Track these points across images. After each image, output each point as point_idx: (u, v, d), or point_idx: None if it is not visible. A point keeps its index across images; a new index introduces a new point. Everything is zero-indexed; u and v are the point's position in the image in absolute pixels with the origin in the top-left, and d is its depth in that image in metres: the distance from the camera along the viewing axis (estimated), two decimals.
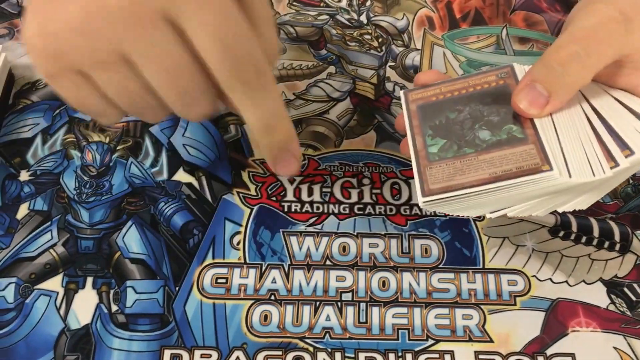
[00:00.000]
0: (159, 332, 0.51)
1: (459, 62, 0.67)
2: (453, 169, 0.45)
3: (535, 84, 0.45)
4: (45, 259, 0.54)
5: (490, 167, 0.44)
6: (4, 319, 0.51)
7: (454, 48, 0.68)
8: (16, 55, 0.65)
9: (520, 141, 0.45)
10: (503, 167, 0.44)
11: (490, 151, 0.45)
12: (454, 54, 0.68)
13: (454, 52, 0.68)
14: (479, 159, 0.45)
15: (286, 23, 0.70)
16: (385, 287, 0.53)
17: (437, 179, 0.45)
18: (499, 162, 0.44)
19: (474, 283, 0.54)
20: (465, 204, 0.45)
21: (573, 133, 0.45)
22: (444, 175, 0.45)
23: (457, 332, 0.52)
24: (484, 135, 0.46)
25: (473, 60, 0.67)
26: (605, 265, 0.55)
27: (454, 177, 0.45)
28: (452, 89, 0.50)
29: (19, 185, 0.57)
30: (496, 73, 0.50)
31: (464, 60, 0.67)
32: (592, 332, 0.52)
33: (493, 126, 0.46)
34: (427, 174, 0.46)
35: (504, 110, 0.47)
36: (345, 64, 0.67)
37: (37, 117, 0.61)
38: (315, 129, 0.62)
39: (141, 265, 0.54)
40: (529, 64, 0.48)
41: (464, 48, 0.68)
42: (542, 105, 0.45)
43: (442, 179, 0.45)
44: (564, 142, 0.44)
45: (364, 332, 0.51)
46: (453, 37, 0.69)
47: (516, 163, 0.44)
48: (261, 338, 0.51)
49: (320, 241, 0.56)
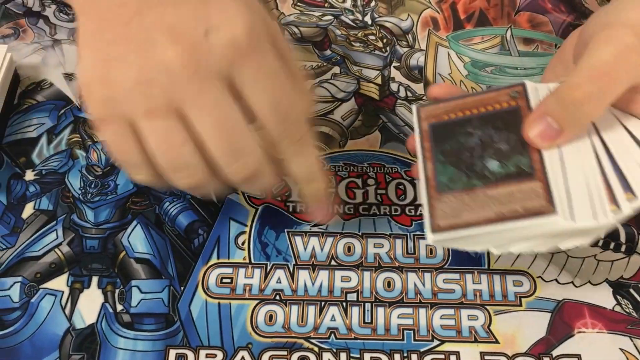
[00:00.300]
0: (164, 331, 0.51)
1: (464, 63, 0.67)
2: (461, 203, 0.46)
3: (547, 117, 0.45)
4: (50, 258, 0.54)
5: (497, 205, 0.44)
6: (10, 318, 0.51)
7: (458, 49, 0.68)
8: (21, 55, 0.65)
9: (527, 176, 0.45)
10: (509, 206, 0.44)
11: (498, 186, 0.45)
12: (459, 55, 0.68)
13: (458, 53, 0.68)
14: (487, 195, 0.45)
15: (291, 23, 0.70)
16: (391, 288, 0.53)
17: (445, 214, 0.46)
18: (506, 200, 0.44)
19: (479, 284, 0.54)
20: (471, 241, 0.46)
21: (579, 169, 0.45)
22: (452, 209, 0.46)
23: (462, 333, 0.52)
24: (493, 166, 0.46)
25: (477, 61, 0.67)
26: (611, 266, 0.55)
27: (462, 214, 0.45)
28: (464, 107, 0.49)
29: (25, 185, 0.57)
30: (508, 92, 0.49)
31: (469, 60, 0.67)
32: (598, 333, 0.52)
33: (502, 156, 0.46)
34: (436, 207, 0.46)
35: (514, 137, 0.47)
36: (350, 64, 0.67)
37: (43, 116, 0.61)
38: (319, 129, 0.62)
39: (146, 264, 0.54)
40: (539, 81, 0.49)
41: (469, 49, 0.68)
42: (553, 138, 0.45)
43: (450, 214, 0.45)
44: (570, 180, 0.44)
45: (369, 333, 0.51)
46: (457, 38, 0.69)
47: (522, 202, 0.44)
48: (266, 338, 0.51)
49: (325, 241, 0.56)
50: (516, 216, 0.44)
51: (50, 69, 0.64)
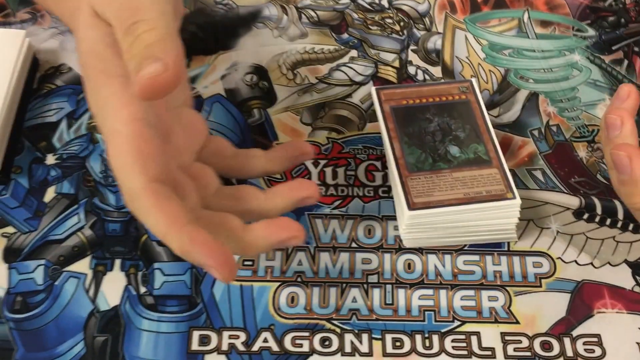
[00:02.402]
0: (188, 313, 0.51)
1: (481, 46, 0.67)
2: (431, 183, 0.52)
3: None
4: (73, 241, 0.54)
5: (463, 187, 0.52)
6: (34, 300, 0.51)
7: (475, 31, 0.68)
8: (39, 40, 0.65)
9: (486, 163, 0.53)
10: (474, 188, 0.52)
11: (462, 169, 0.53)
12: (476, 38, 0.68)
13: (475, 36, 0.68)
14: (453, 177, 0.52)
15: (307, 7, 0.70)
16: (411, 269, 0.54)
17: (419, 192, 0.52)
18: (470, 182, 0.52)
19: (499, 265, 0.54)
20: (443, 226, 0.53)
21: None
22: (424, 188, 0.52)
23: (483, 314, 0.52)
24: (454, 151, 0.54)
25: (495, 44, 0.67)
26: (630, 247, 0.55)
27: (434, 193, 0.52)
28: (421, 95, 0.57)
29: (46, 169, 0.58)
30: (458, 86, 0.58)
31: (486, 43, 0.67)
32: (618, 314, 0.52)
33: (461, 142, 0.54)
34: (409, 185, 0.52)
35: (468, 127, 0.55)
36: (367, 47, 0.67)
37: (62, 101, 0.62)
38: (338, 112, 0.62)
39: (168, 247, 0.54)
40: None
41: (486, 31, 0.68)
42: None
43: (424, 192, 0.52)
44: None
45: (391, 314, 0.52)
46: (475, 21, 0.69)
47: (485, 186, 0.52)
48: (288, 319, 0.51)
49: (345, 224, 0.56)
50: (481, 198, 0.51)
51: (69, 54, 0.65)
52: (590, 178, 0.59)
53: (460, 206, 0.51)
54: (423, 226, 0.53)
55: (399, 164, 0.53)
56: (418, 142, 0.54)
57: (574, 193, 0.58)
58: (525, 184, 0.58)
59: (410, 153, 0.54)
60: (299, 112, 0.62)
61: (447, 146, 0.54)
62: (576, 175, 0.59)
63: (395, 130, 0.55)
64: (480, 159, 0.53)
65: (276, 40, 0.67)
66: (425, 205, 0.51)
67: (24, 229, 0.54)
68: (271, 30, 0.68)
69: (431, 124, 0.55)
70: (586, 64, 0.66)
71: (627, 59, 0.67)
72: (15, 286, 0.52)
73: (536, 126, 0.62)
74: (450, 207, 0.51)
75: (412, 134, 0.55)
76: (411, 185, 0.52)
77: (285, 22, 0.69)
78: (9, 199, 0.56)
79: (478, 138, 0.54)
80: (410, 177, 0.52)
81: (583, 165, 0.59)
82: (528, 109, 0.63)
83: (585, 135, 0.61)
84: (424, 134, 0.55)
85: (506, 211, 0.52)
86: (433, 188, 0.52)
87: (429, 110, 0.56)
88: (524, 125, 0.62)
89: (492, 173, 0.53)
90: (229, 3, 0.70)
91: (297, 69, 0.65)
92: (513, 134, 0.61)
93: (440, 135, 0.55)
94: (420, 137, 0.54)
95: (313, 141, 0.60)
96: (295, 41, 0.67)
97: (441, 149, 0.54)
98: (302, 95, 0.63)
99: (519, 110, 0.63)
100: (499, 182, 0.52)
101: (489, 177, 0.52)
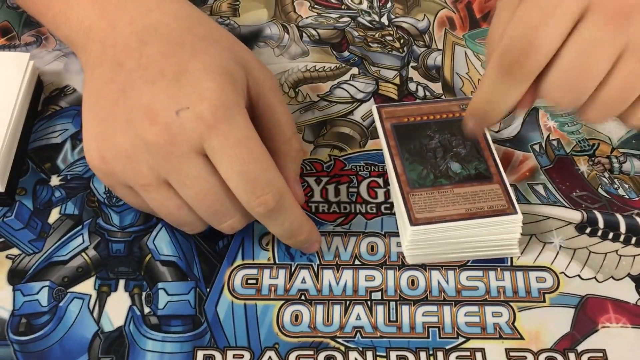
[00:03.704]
0: (192, 333, 0.51)
1: (481, 62, 0.68)
2: (433, 199, 0.53)
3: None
4: (77, 262, 0.54)
5: (465, 202, 0.52)
6: (39, 322, 0.52)
7: (475, 47, 0.69)
8: (44, 62, 0.66)
9: (487, 179, 0.54)
10: (476, 204, 0.52)
11: (464, 185, 0.53)
12: (476, 54, 0.68)
13: (475, 52, 0.68)
14: (454, 192, 0.53)
15: (308, 26, 0.70)
16: (415, 286, 0.54)
17: (421, 208, 0.52)
18: (472, 198, 0.53)
19: (502, 280, 0.54)
20: (445, 242, 0.53)
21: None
22: (425, 204, 0.53)
23: (487, 330, 0.52)
24: (455, 167, 0.54)
25: None
26: (633, 261, 0.55)
27: (435, 209, 0.52)
28: (421, 112, 0.58)
29: (50, 190, 0.58)
30: (459, 104, 0.58)
31: None
32: (622, 328, 0.52)
33: (462, 159, 0.55)
34: (411, 201, 0.53)
35: (469, 143, 0.56)
36: (368, 65, 0.67)
37: (66, 122, 0.62)
38: (340, 129, 0.63)
39: (172, 267, 0.54)
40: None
41: None
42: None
43: (425, 208, 0.52)
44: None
45: (395, 331, 0.52)
46: (474, 37, 0.70)
47: (486, 202, 0.53)
48: (292, 338, 0.51)
49: (348, 241, 0.56)
50: (483, 214, 0.52)
51: (73, 75, 0.65)
52: (592, 192, 0.59)
53: (462, 221, 0.52)
54: (425, 242, 0.53)
55: (401, 180, 0.54)
56: (419, 158, 0.55)
57: (576, 207, 0.58)
58: (527, 199, 0.58)
59: (411, 169, 0.54)
60: (301, 130, 0.62)
61: (448, 162, 0.55)
62: (577, 189, 0.59)
63: (396, 147, 0.56)
64: (481, 175, 0.54)
65: (278, 59, 0.68)
66: (427, 221, 0.52)
67: (29, 250, 0.55)
68: (273, 49, 0.69)
69: (432, 140, 0.56)
70: None
71: None
72: (20, 308, 0.52)
73: (537, 141, 0.62)
74: (452, 222, 0.52)
75: (413, 151, 0.55)
76: (413, 201, 0.53)
77: (287, 41, 0.69)
78: (13, 221, 0.56)
79: (479, 154, 0.55)
80: (412, 193, 0.53)
81: (584, 179, 0.59)
82: (528, 123, 0.63)
83: (585, 149, 0.61)
84: (425, 150, 0.55)
85: (508, 226, 0.53)
86: (435, 204, 0.53)
87: (429, 127, 0.57)
88: (524, 140, 0.62)
89: (493, 189, 0.53)
90: (231, 23, 0.70)
91: (299, 87, 0.66)
92: (514, 149, 0.61)
93: (441, 152, 0.55)
94: (421, 154, 0.55)
95: (315, 159, 0.60)
96: (297, 60, 0.68)
97: (442, 165, 0.55)
98: (304, 113, 0.64)
99: (519, 125, 0.63)
100: (501, 197, 0.53)
101: (491, 192, 0.53)
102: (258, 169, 0.48)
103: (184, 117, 0.47)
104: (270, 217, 0.50)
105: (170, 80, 0.48)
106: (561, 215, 0.57)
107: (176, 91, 0.47)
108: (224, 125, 0.47)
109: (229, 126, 0.47)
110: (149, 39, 0.50)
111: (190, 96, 0.47)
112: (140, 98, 0.48)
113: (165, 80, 0.48)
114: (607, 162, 0.60)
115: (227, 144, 0.47)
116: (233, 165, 0.47)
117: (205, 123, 0.46)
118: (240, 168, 0.47)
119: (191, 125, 0.46)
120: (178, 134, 0.47)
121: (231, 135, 0.47)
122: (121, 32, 0.51)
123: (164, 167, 0.48)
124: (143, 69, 0.49)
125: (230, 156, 0.47)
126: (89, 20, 0.53)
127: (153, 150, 0.47)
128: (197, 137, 0.47)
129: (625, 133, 0.62)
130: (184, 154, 0.47)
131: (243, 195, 0.48)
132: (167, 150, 0.47)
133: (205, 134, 0.46)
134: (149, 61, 0.49)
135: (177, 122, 0.47)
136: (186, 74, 0.48)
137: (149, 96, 0.48)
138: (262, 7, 0.72)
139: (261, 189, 0.48)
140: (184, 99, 0.47)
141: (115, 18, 0.52)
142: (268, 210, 0.49)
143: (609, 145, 0.62)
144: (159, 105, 0.47)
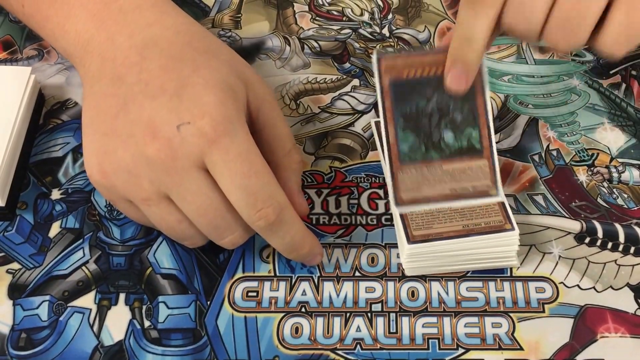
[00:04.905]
0: (192, 346, 0.51)
1: None
2: (421, 176, 0.53)
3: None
4: (77, 276, 0.55)
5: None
6: (39, 336, 0.52)
7: None
8: (46, 75, 0.66)
9: (477, 153, 0.53)
10: (461, 183, 0.53)
11: (453, 161, 0.53)
12: None
13: None
14: (443, 169, 0.53)
15: (310, 38, 0.71)
16: (415, 297, 0.54)
17: (407, 187, 0.53)
18: (459, 176, 0.53)
19: (502, 291, 0.54)
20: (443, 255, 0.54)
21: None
22: (412, 183, 0.53)
23: (487, 341, 0.52)
24: (448, 138, 0.53)
25: (494, 70, 0.68)
26: (631, 270, 0.55)
27: (422, 188, 0.53)
28: (423, 64, 0.53)
29: (51, 204, 0.58)
30: None
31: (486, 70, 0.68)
32: (621, 338, 0.52)
33: (456, 127, 0.53)
34: (398, 178, 0.53)
35: (466, 106, 0.53)
36: (369, 76, 0.68)
37: (68, 136, 0.62)
38: (341, 141, 0.63)
39: (172, 280, 0.54)
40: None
41: (485, 58, 0.68)
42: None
43: (412, 187, 0.53)
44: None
45: (395, 343, 0.52)
46: None
47: (472, 181, 0.53)
48: (293, 350, 0.51)
49: (348, 252, 0.56)
50: (466, 195, 0.52)
51: (75, 89, 0.66)
52: (591, 202, 0.59)
53: (459, 239, 0.52)
54: (423, 256, 0.53)
55: (392, 154, 0.53)
56: (414, 125, 0.53)
57: (575, 217, 0.58)
58: (527, 209, 0.58)
59: (403, 139, 0.53)
60: (302, 142, 0.62)
61: (442, 131, 0.53)
62: (577, 199, 0.59)
63: (391, 111, 0.54)
64: (472, 148, 0.53)
65: (279, 71, 0.68)
66: (424, 239, 0.52)
67: (29, 264, 0.55)
68: (274, 61, 0.69)
69: (429, 103, 0.53)
70: (585, 88, 0.66)
71: (625, 83, 0.67)
72: (20, 323, 0.52)
73: (536, 151, 0.62)
74: (449, 239, 0.52)
75: (408, 116, 0.53)
76: (401, 178, 0.53)
77: (288, 53, 0.70)
78: (14, 235, 0.56)
79: (474, 121, 0.53)
80: (401, 169, 0.53)
81: (583, 189, 0.59)
82: (528, 134, 0.63)
83: (585, 159, 0.61)
84: (421, 115, 0.53)
85: (505, 241, 0.53)
86: (422, 182, 0.53)
87: (429, 84, 0.53)
88: (524, 151, 0.62)
89: (481, 165, 0.53)
90: (233, 35, 0.71)
91: (300, 99, 0.66)
92: (514, 160, 0.61)
93: (437, 117, 0.53)
94: (417, 120, 0.53)
95: (316, 170, 0.61)
96: (298, 71, 0.68)
97: (436, 134, 0.53)
98: (305, 125, 0.64)
99: (519, 135, 0.63)
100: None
101: (478, 170, 0.53)
102: (259, 182, 0.48)
103: (185, 132, 0.47)
104: (272, 231, 0.50)
105: (171, 95, 0.48)
106: (560, 226, 0.57)
107: (177, 106, 0.48)
108: (225, 140, 0.47)
109: (230, 140, 0.47)
110: (149, 54, 0.51)
111: (192, 111, 0.47)
112: (141, 113, 0.48)
113: (166, 95, 0.48)
114: (606, 172, 0.60)
115: (228, 158, 0.47)
116: (234, 179, 0.48)
117: (206, 138, 0.47)
118: (241, 182, 0.48)
119: (192, 140, 0.47)
120: (179, 148, 0.47)
121: (232, 149, 0.47)
122: (120, 45, 0.51)
123: (165, 181, 0.48)
124: (144, 84, 0.49)
125: (231, 170, 0.47)
126: (88, 34, 0.53)
127: (154, 165, 0.48)
128: (198, 151, 0.47)
129: (624, 143, 0.63)
130: (185, 169, 0.47)
131: (244, 209, 0.49)
132: (168, 165, 0.47)
133: (206, 149, 0.47)
134: (150, 76, 0.49)
135: (179, 137, 0.47)
136: (187, 88, 0.48)
137: (150, 111, 0.48)
138: (263, 20, 0.72)
139: (262, 203, 0.48)
140: (185, 114, 0.47)
141: (115, 32, 0.52)
142: (269, 224, 0.49)
143: (608, 155, 0.62)
144: (160, 120, 0.48)
